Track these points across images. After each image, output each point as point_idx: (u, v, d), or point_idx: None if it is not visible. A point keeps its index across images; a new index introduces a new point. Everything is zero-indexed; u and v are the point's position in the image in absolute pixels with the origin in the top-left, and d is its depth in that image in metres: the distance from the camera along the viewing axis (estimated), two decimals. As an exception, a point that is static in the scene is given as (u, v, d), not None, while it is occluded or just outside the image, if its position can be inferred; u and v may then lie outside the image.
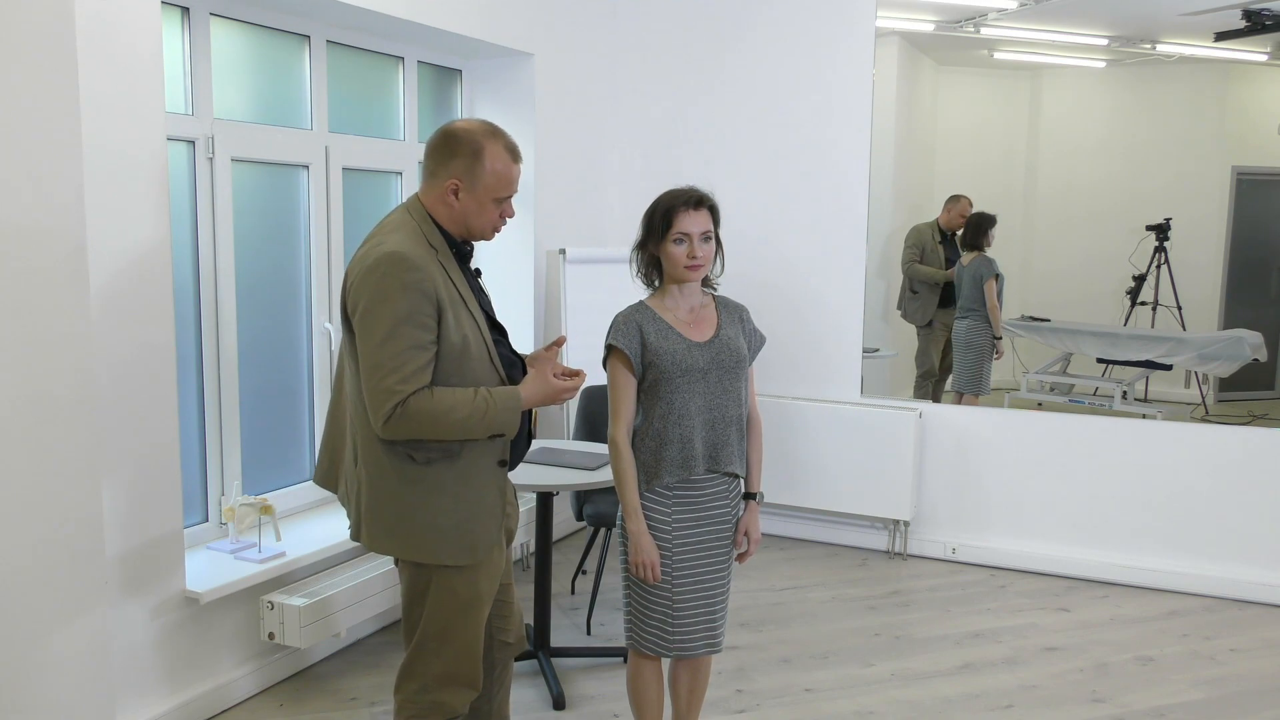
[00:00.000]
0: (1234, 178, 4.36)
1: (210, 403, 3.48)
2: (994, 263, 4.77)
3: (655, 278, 2.64)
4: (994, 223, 4.76)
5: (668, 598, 2.57)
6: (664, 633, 2.59)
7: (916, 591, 4.40)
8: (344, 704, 3.32)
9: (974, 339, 4.84)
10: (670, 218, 2.53)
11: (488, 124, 2.35)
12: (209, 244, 3.42)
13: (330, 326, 3.90)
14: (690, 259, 2.53)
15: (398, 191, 4.26)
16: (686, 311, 2.61)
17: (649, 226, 2.58)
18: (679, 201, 2.54)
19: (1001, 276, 4.77)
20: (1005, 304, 4.77)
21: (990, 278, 4.76)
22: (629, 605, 2.64)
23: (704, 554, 2.60)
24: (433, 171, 2.32)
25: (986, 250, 4.77)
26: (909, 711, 3.32)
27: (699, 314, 2.63)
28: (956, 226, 4.78)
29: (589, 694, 3.41)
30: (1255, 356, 4.40)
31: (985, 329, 4.81)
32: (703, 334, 2.60)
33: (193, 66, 3.34)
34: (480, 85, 4.65)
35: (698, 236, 2.53)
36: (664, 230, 2.54)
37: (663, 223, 2.54)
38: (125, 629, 2.93)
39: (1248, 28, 4.21)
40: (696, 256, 2.53)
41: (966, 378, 4.87)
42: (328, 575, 3.50)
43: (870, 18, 4.70)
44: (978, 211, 4.76)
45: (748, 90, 4.98)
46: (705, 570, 2.61)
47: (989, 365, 4.83)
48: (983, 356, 4.83)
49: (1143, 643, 3.89)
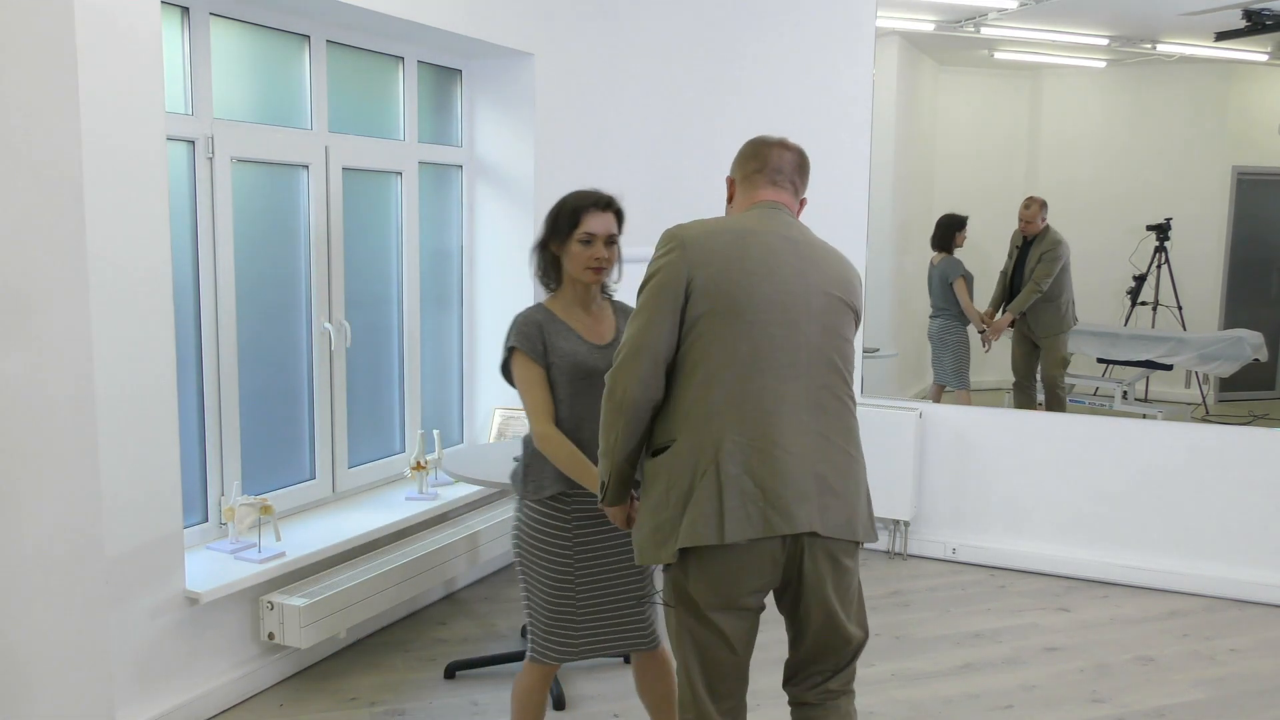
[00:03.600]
0: (1234, 178, 4.36)
1: (210, 403, 3.48)
2: (959, 264, 4.82)
3: (553, 279, 2.61)
4: (962, 224, 4.79)
5: (570, 602, 2.54)
6: (568, 638, 2.56)
7: (916, 591, 4.40)
8: (344, 704, 3.32)
9: (947, 337, 4.89)
10: (578, 217, 2.51)
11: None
12: (209, 244, 3.42)
13: (330, 326, 3.90)
14: (595, 260, 2.52)
15: (398, 191, 4.26)
16: (585, 314, 2.60)
17: (554, 225, 2.54)
18: (588, 202, 2.53)
19: (969, 276, 4.81)
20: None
21: (956, 278, 4.81)
22: (531, 616, 2.58)
23: (608, 557, 2.58)
24: (801, 187, 2.33)
25: (956, 251, 4.80)
26: (909, 711, 3.32)
27: (598, 317, 2.61)
28: (1026, 232, 4.74)
29: (589, 694, 3.41)
30: (1256, 356, 4.40)
31: (957, 327, 4.88)
32: (601, 337, 2.59)
33: (193, 66, 3.34)
34: (480, 85, 4.65)
35: (603, 238, 2.52)
36: (570, 229, 2.51)
37: (569, 222, 2.51)
38: (125, 629, 2.93)
39: (1248, 28, 4.21)
40: (601, 258, 2.52)
41: (947, 373, 4.92)
42: (328, 575, 3.50)
43: (870, 18, 4.70)
44: (946, 213, 4.81)
45: (748, 90, 4.98)
46: (614, 571, 2.59)
47: (967, 360, 4.87)
48: (958, 353, 4.88)
49: (1143, 643, 3.89)
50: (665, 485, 2.06)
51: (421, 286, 4.43)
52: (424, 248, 4.44)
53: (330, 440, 3.96)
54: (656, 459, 2.11)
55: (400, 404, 4.38)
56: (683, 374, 2.07)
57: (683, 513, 2.02)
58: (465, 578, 4.34)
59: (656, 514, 2.07)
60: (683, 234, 2.09)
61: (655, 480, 2.09)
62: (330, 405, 3.95)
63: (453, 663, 3.54)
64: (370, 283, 4.16)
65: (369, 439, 4.22)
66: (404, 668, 3.58)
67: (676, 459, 2.05)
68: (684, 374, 2.06)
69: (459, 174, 4.65)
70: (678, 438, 2.06)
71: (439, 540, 3.88)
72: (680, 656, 2.16)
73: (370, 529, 3.65)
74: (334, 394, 3.96)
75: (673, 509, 2.03)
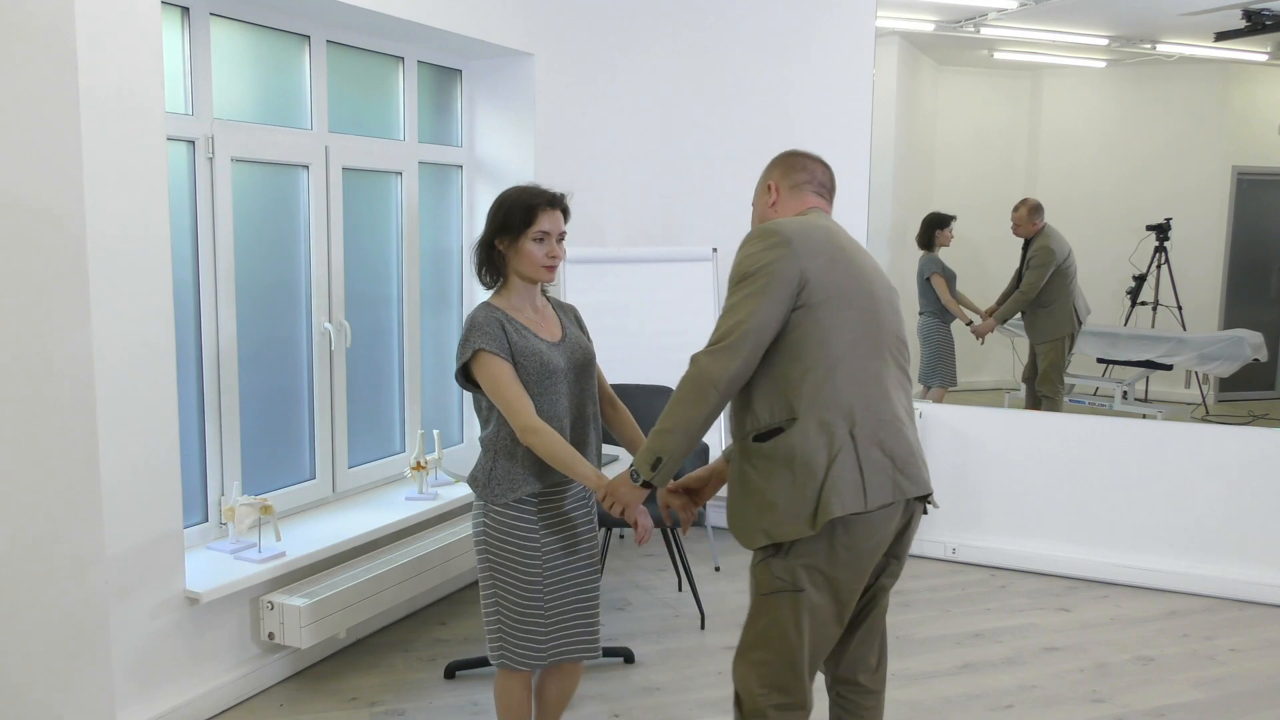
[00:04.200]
0: (1234, 178, 4.36)
1: (210, 403, 3.48)
2: (936, 261, 4.87)
3: (495, 276, 2.56)
4: (945, 222, 4.82)
5: (540, 607, 2.52)
6: (536, 643, 2.53)
7: (916, 591, 4.40)
8: (344, 704, 3.32)
9: (930, 335, 4.94)
10: (532, 215, 2.47)
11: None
12: (209, 244, 3.42)
13: (330, 326, 3.90)
14: (550, 258, 2.50)
15: (397, 191, 4.26)
16: (533, 312, 2.57)
17: (503, 222, 2.49)
18: (542, 199, 2.50)
19: (948, 273, 4.86)
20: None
21: (930, 274, 4.83)
22: (499, 622, 2.53)
23: (572, 558, 2.58)
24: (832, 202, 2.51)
25: (941, 250, 4.83)
26: (909, 711, 3.32)
27: (543, 314, 2.60)
28: (1016, 233, 4.74)
29: (589, 694, 3.41)
30: (1255, 356, 4.41)
31: (936, 324, 4.92)
32: (553, 334, 2.57)
33: (193, 66, 3.34)
34: (480, 85, 4.65)
35: (555, 236, 2.51)
36: (523, 227, 2.47)
37: (523, 220, 2.47)
38: (125, 629, 2.93)
39: (1248, 28, 4.21)
40: (557, 256, 2.51)
41: (930, 371, 4.96)
42: (328, 575, 3.50)
43: (870, 18, 4.70)
44: (931, 211, 4.83)
45: (747, 90, 4.98)
46: (574, 575, 2.58)
47: (947, 358, 4.91)
48: (938, 351, 4.92)
49: (1143, 643, 3.89)
50: (793, 462, 2.14)
51: (421, 286, 4.43)
52: (424, 248, 4.44)
53: (330, 440, 3.96)
54: (774, 439, 2.17)
55: (400, 404, 4.38)
56: (797, 357, 2.16)
57: (820, 488, 2.12)
58: (465, 578, 4.34)
59: (786, 492, 2.15)
60: (784, 230, 2.19)
61: (776, 459, 2.16)
62: (330, 405, 3.95)
63: (453, 663, 3.54)
64: (370, 283, 4.16)
65: (369, 439, 4.22)
66: (404, 668, 3.58)
67: (804, 438, 2.14)
68: (799, 357, 2.16)
69: (459, 174, 4.66)
70: (799, 417, 2.15)
71: (439, 540, 3.88)
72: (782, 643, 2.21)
73: (370, 529, 3.65)
74: (334, 394, 3.96)
75: (807, 485, 2.13)
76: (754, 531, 2.21)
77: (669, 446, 2.20)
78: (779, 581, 2.20)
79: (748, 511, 2.23)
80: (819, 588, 2.19)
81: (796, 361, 2.16)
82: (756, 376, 2.20)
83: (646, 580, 4.47)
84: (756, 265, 2.16)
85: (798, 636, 2.20)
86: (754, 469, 2.21)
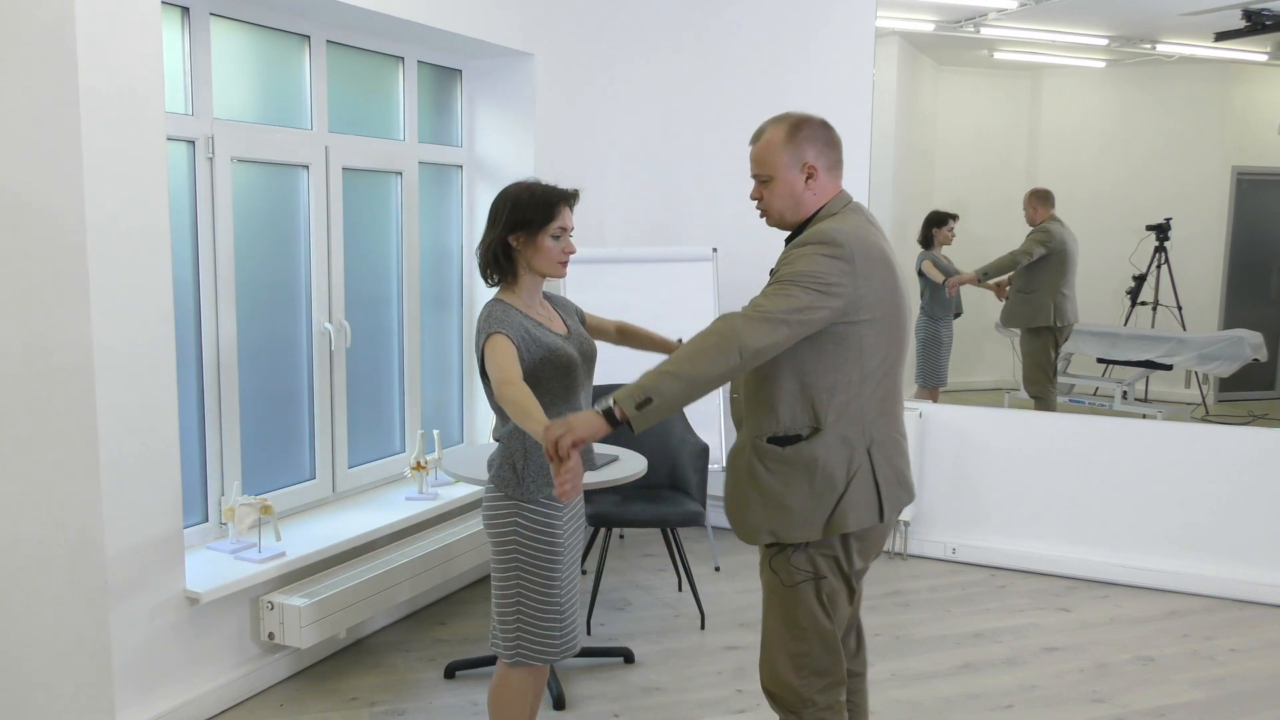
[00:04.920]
0: (1234, 178, 4.36)
1: (210, 403, 3.48)
2: (923, 253, 4.88)
3: (503, 273, 2.52)
4: (944, 221, 4.81)
5: (559, 603, 2.54)
6: (555, 639, 2.54)
7: (916, 591, 4.40)
8: (344, 704, 3.32)
9: (917, 332, 4.94)
10: (553, 212, 2.46)
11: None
12: (209, 244, 3.42)
13: (330, 326, 3.90)
14: (565, 254, 2.51)
15: (398, 191, 4.26)
16: (540, 308, 2.58)
17: (520, 218, 2.44)
18: (561, 196, 2.48)
19: (936, 258, 4.86)
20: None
21: (921, 263, 4.88)
22: (518, 619, 2.52)
23: (574, 553, 2.64)
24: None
25: (941, 248, 4.85)
26: (909, 711, 3.32)
27: (548, 310, 2.61)
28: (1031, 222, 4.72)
29: (589, 694, 3.41)
30: (1255, 356, 4.40)
31: (925, 322, 4.92)
32: (561, 329, 2.58)
33: (193, 66, 3.34)
34: (480, 85, 4.65)
35: (570, 231, 2.52)
36: (544, 223, 2.45)
37: (544, 216, 2.45)
38: (125, 629, 2.93)
39: (1248, 28, 4.21)
40: (571, 252, 2.52)
41: (922, 370, 4.97)
42: (328, 575, 3.50)
43: (870, 18, 4.70)
44: (933, 209, 4.83)
45: (748, 90, 4.98)
46: (574, 570, 2.64)
47: (936, 357, 4.92)
48: (927, 348, 4.92)
49: (1143, 643, 3.89)
50: (813, 472, 2.19)
51: (421, 286, 4.43)
52: (424, 248, 4.44)
53: (330, 440, 3.96)
54: (794, 446, 2.20)
55: (400, 404, 4.38)
56: (832, 369, 2.17)
57: (837, 500, 2.19)
58: (465, 578, 4.34)
59: (802, 499, 2.20)
60: (849, 246, 2.14)
61: (796, 465, 2.20)
62: (330, 405, 3.95)
63: (453, 663, 3.54)
64: (370, 283, 4.16)
65: (369, 439, 4.22)
66: (404, 668, 3.58)
67: (828, 450, 2.19)
68: (834, 369, 2.17)
69: (459, 174, 4.66)
70: (823, 428, 2.19)
71: (439, 540, 3.88)
72: (816, 629, 2.26)
73: (370, 529, 3.65)
74: (334, 394, 3.96)
75: (824, 496, 2.19)
76: (759, 529, 2.24)
77: (666, 390, 2.01)
78: (802, 573, 2.25)
79: (754, 508, 2.25)
80: (836, 575, 2.27)
81: (831, 374, 2.17)
82: (784, 379, 2.19)
83: (646, 580, 4.47)
84: (819, 269, 2.10)
85: (829, 620, 2.27)
86: (768, 470, 2.23)
